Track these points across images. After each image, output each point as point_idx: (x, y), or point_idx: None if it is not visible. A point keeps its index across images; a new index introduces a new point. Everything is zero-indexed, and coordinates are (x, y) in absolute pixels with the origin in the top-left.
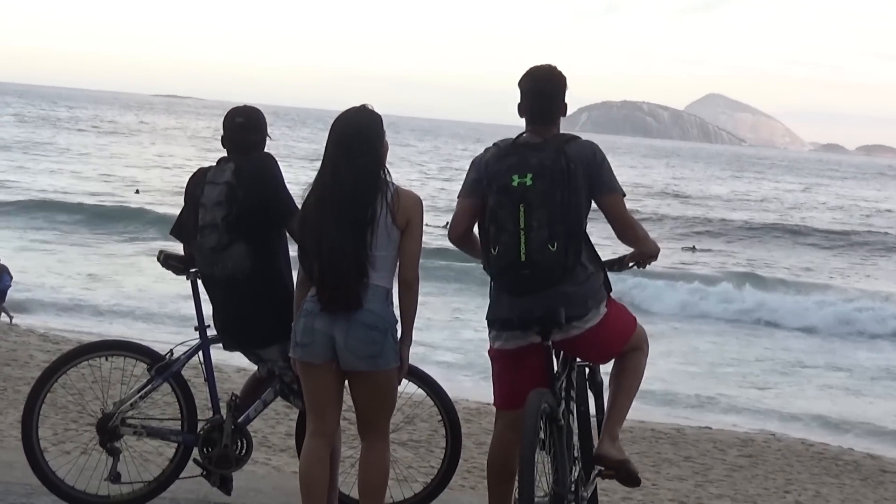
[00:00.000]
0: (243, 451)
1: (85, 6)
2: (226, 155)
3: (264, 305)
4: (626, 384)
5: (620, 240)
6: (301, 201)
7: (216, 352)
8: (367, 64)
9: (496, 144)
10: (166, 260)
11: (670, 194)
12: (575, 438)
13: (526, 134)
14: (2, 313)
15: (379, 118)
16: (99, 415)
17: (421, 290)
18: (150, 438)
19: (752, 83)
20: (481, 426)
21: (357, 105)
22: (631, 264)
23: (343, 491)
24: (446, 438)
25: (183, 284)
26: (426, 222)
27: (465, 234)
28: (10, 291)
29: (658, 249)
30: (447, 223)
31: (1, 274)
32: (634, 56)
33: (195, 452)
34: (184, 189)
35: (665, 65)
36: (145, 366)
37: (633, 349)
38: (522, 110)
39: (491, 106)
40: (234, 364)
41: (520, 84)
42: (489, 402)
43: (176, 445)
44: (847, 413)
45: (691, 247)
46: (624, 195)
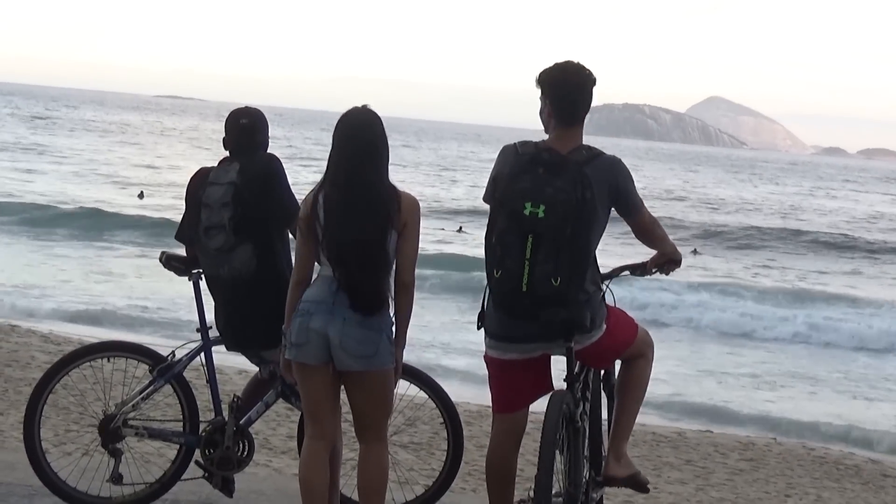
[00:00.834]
0: (245, 453)
1: (87, 5)
2: (228, 156)
3: (268, 306)
4: (630, 397)
5: (644, 244)
6: (307, 201)
7: (218, 353)
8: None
9: (516, 148)
10: (168, 261)
11: (673, 198)
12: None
13: (550, 138)
14: None
15: (380, 119)
16: (101, 416)
17: (422, 295)
18: (152, 440)
19: (754, 86)
20: (482, 429)
21: (359, 105)
22: (654, 270)
23: (345, 493)
24: (448, 441)
25: (185, 287)
26: (441, 227)
27: None
28: (13, 298)
29: (681, 257)
30: (461, 227)
31: None
32: (637, 58)
33: (197, 454)
34: (185, 191)
35: (667, 67)
36: (147, 367)
37: (637, 356)
38: (545, 111)
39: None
40: (236, 366)
41: (541, 81)
42: (490, 405)
43: (178, 447)
44: (851, 417)
45: (693, 250)
46: (643, 203)
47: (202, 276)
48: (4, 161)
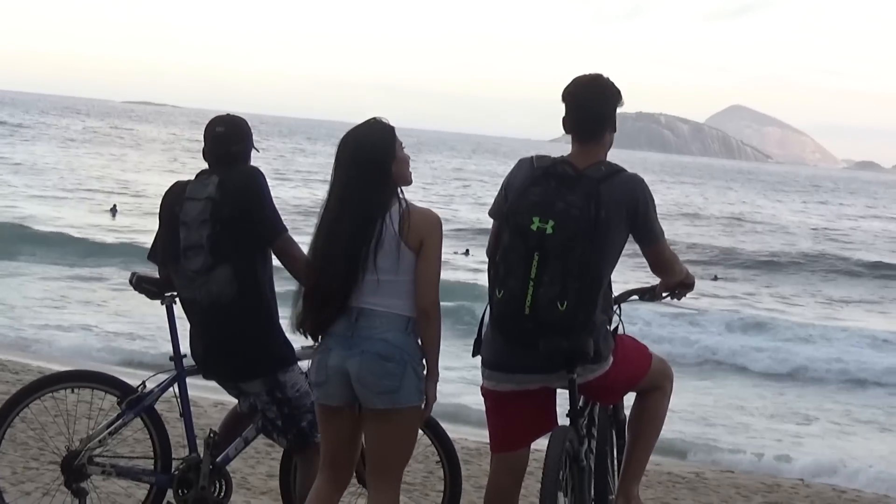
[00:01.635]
0: (222, 494)
1: (51, 2)
2: (206, 168)
3: (249, 335)
4: (645, 434)
5: (655, 273)
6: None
7: (193, 385)
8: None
9: (532, 161)
10: (139, 282)
11: (690, 214)
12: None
13: (570, 154)
14: None
15: (390, 131)
16: (64, 452)
17: None
18: (120, 478)
19: (781, 95)
20: (482, 468)
21: (368, 119)
22: (665, 294)
23: None
24: (445, 481)
25: (158, 310)
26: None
27: None
28: None
29: (694, 280)
30: (467, 250)
31: None
32: (653, 64)
33: (169, 494)
34: (159, 206)
35: (686, 73)
36: (115, 399)
37: (653, 388)
38: (566, 125)
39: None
40: (212, 398)
41: (564, 96)
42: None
43: (148, 487)
44: (886, 458)
45: (713, 276)
46: (663, 233)
47: (176, 300)
48: None
